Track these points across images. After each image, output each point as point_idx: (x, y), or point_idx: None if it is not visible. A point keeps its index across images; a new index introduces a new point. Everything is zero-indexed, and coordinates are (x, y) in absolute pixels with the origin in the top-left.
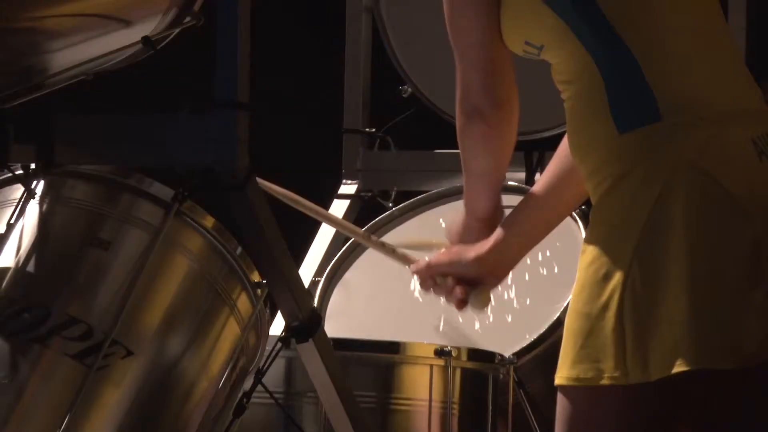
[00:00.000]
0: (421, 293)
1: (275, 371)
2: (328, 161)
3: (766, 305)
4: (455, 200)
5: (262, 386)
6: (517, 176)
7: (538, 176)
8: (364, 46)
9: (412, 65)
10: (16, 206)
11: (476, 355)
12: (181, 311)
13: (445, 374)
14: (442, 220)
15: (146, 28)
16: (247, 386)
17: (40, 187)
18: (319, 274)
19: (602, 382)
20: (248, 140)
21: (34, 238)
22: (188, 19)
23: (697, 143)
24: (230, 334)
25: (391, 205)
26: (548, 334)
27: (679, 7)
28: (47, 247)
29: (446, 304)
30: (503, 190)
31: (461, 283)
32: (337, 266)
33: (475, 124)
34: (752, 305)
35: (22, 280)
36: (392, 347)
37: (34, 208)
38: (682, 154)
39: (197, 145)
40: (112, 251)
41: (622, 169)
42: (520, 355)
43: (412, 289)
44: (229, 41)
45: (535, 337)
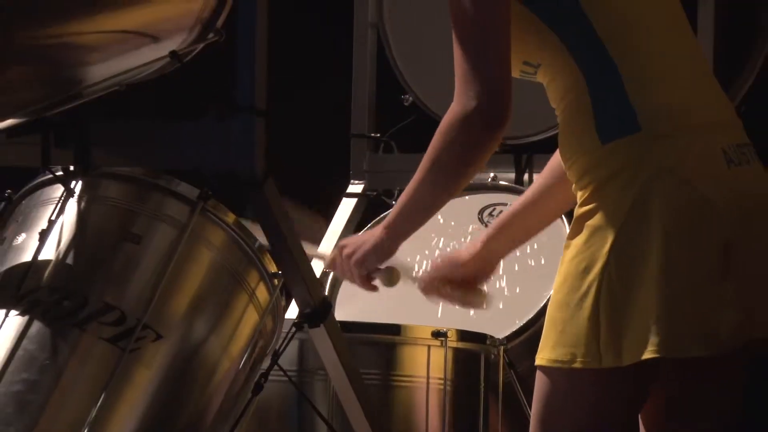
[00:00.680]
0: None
1: (290, 352)
2: (337, 163)
3: (734, 298)
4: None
5: (278, 366)
6: (508, 176)
7: (526, 177)
8: (369, 58)
9: (413, 76)
10: (56, 204)
11: (469, 336)
12: (205, 299)
13: (441, 354)
14: (440, 216)
15: (173, 43)
16: (264, 366)
17: (78, 187)
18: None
19: (575, 365)
20: (266, 144)
21: (72, 232)
22: (211, 35)
23: (673, 152)
24: (249, 319)
25: (394, 202)
26: (536, 319)
27: (661, 31)
28: (84, 241)
29: (450, 304)
30: (496, 189)
31: (459, 287)
32: None
33: (495, 137)
34: (722, 298)
35: (62, 271)
36: (393, 329)
37: (72, 206)
38: (659, 161)
39: (220, 149)
40: (143, 245)
41: (604, 175)
42: (510, 338)
43: (414, 277)
44: (248, 55)
45: (524, 322)
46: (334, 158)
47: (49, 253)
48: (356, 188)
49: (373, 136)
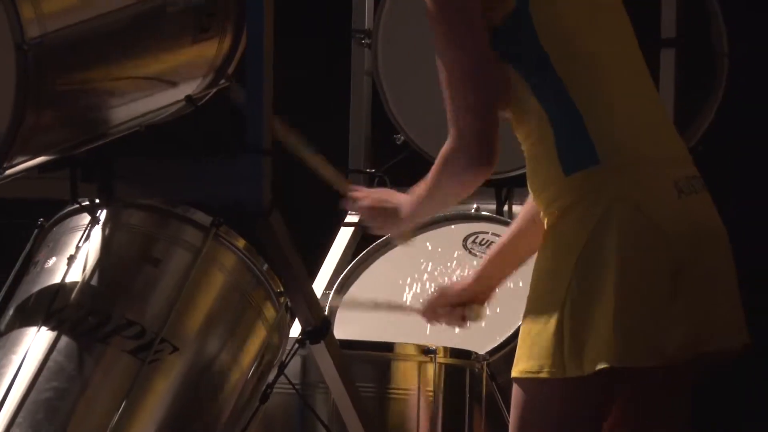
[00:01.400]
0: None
1: (294, 366)
2: (336, 195)
3: (683, 315)
4: (437, 227)
5: (284, 376)
6: (489, 207)
7: (506, 207)
8: (365, 102)
9: (404, 118)
10: (83, 231)
11: (455, 353)
12: (217, 315)
13: (430, 369)
14: (428, 243)
15: (189, 88)
16: (270, 378)
17: (102, 215)
18: (329, 287)
19: (543, 375)
20: (271, 179)
21: (97, 256)
22: (223, 81)
23: (628, 183)
24: (258, 334)
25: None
26: (514, 336)
27: (618, 72)
28: (108, 263)
29: (451, 326)
30: (478, 218)
31: (456, 308)
32: (344, 281)
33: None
34: (671, 315)
35: (88, 290)
36: (387, 347)
37: (98, 232)
38: (615, 191)
39: (230, 183)
40: (161, 267)
41: (567, 203)
42: (492, 353)
43: (404, 300)
44: (256, 99)
45: (504, 338)
46: (333, 191)
47: (76, 274)
48: (353, 218)
49: (368, 171)
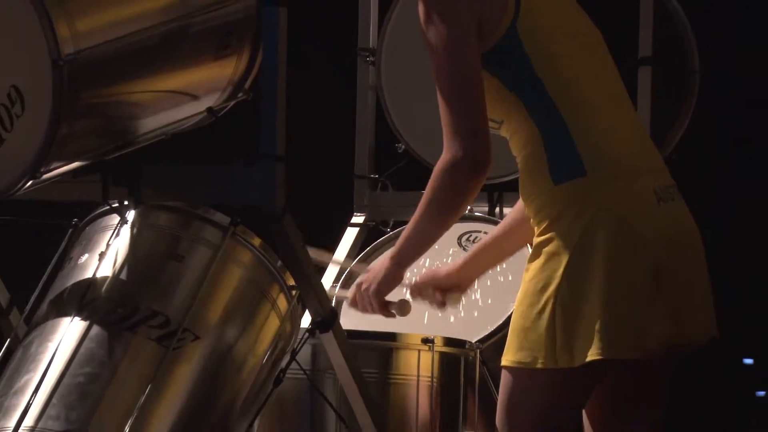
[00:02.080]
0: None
1: (304, 354)
2: (343, 199)
3: (663, 312)
4: None
5: (296, 363)
6: (482, 209)
7: (497, 209)
8: (370, 113)
9: (405, 128)
10: (113, 231)
11: (451, 342)
12: (235, 307)
13: (428, 356)
14: None
15: (210, 100)
16: (283, 364)
17: (131, 216)
18: (336, 281)
19: (537, 366)
20: (284, 184)
21: (126, 253)
22: (241, 94)
23: (612, 192)
24: (272, 324)
25: (389, 230)
26: (504, 325)
27: (602, 92)
28: (136, 260)
29: (430, 306)
30: (472, 219)
31: (439, 291)
32: (349, 276)
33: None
34: (653, 313)
35: (117, 284)
36: (390, 336)
37: (126, 231)
38: (600, 200)
39: (247, 188)
40: (184, 263)
41: (556, 211)
42: (483, 341)
43: (404, 293)
44: (270, 111)
45: (494, 327)
46: (340, 194)
47: (106, 270)
48: (358, 219)
49: (372, 176)
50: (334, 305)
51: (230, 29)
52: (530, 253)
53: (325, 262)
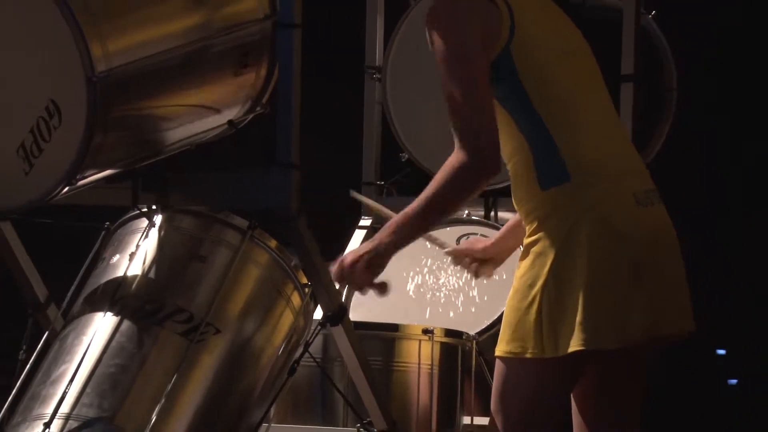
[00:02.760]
0: (432, 292)
1: (316, 344)
2: (352, 203)
3: (642, 306)
4: (437, 228)
5: (309, 354)
6: (478, 213)
7: (492, 213)
8: (376, 126)
9: (408, 139)
10: (142, 233)
11: (450, 333)
12: (253, 303)
13: (429, 346)
14: (427, 242)
15: (231, 114)
16: (297, 355)
17: (158, 219)
18: None
19: (527, 355)
20: (299, 190)
21: (154, 254)
22: (259, 108)
23: (594, 196)
24: (286, 319)
25: None
26: (499, 319)
27: (585, 102)
28: (163, 260)
29: (431, 299)
30: (470, 222)
31: (476, 261)
32: None
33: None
34: (634, 305)
35: (146, 282)
36: (393, 327)
37: (154, 234)
38: (584, 203)
39: (265, 194)
40: (207, 263)
41: (544, 214)
42: (480, 333)
43: (408, 289)
44: (285, 122)
45: (490, 321)
46: (349, 199)
47: (136, 269)
48: (365, 222)
49: (378, 183)
50: (343, 300)
51: (248, 49)
52: (521, 252)
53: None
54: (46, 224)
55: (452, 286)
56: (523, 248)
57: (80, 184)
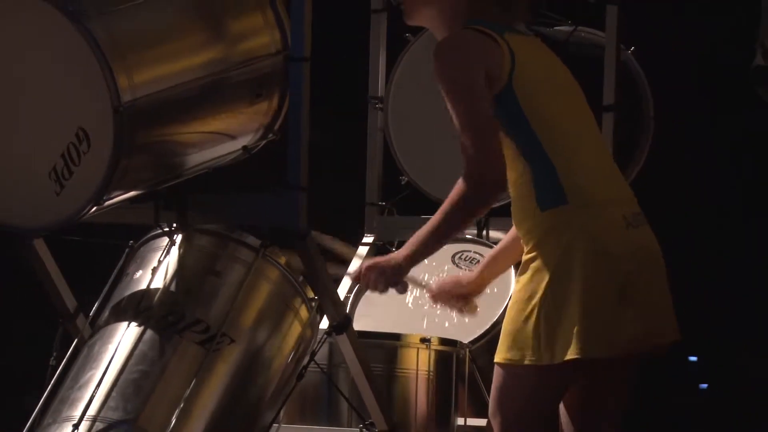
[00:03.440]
0: (429, 304)
1: (322, 351)
2: (356, 222)
3: (631, 318)
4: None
5: (314, 362)
6: (472, 231)
7: (485, 232)
8: (378, 151)
9: (408, 164)
10: (163, 250)
11: (445, 341)
12: (264, 315)
13: (426, 354)
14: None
15: (245, 140)
16: (304, 362)
17: (178, 238)
18: (349, 292)
19: (525, 362)
20: (307, 210)
21: (174, 269)
22: (271, 135)
23: (588, 218)
24: (295, 330)
25: (394, 249)
26: (491, 329)
27: (579, 134)
28: (182, 275)
29: (428, 311)
30: (464, 240)
31: (459, 299)
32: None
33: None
34: (622, 318)
35: (167, 295)
36: (394, 336)
37: (174, 251)
38: (579, 224)
39: (276, 214)
40: (222, 278)
41: (542, 233)
42: (473, 342)
43: (407, 302)
44: (295, 148)
45: (482, 331)
46: (354, 218)
47: (158, 283)
48: (368, 239)
49: (380, 203)
50: (347, 312)
51: (262, 81)
52: (520, 267)
53: (338, 250)
54: (75, 241)
55: None
56: (521, 264)
57: (107, 204)
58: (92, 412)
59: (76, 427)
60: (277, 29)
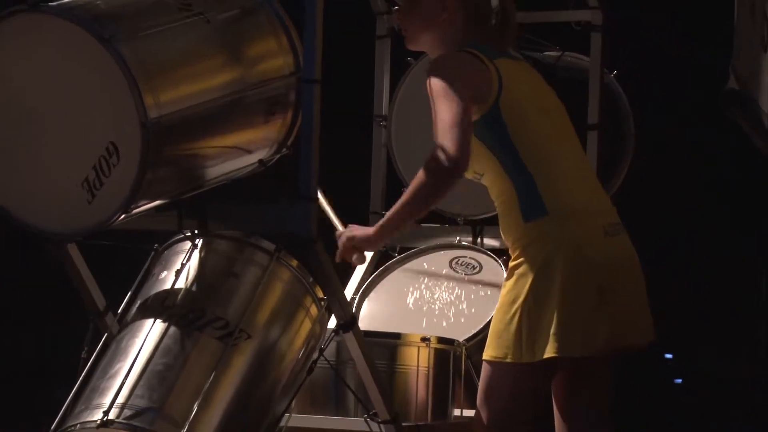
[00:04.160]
0: (428, 305)
1: (330, 348)
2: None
3: (607, 319)
4: (432, 252)
5: (323, 357)
6: (467, 239)
7: (479, 239)
8: (382, 164)
9: (409, 176)
10: (186, 254)
11: (443, 340)
12: (277, 313)
13: (425, 351)
14: (425, 263)
15: (261, 154)
16: (314, 357)
17: (200, 243)
18: (355, 293)
19: (507, 360)
20: (317, 218)
21: (196, 271)
22: (284, 149)
23: (569, 228)
24: (305, 326)
25: (396, 254)
26: (484, 328)
27: (561, 150)
28: (203, 276)
29: (427, 311)
30: (460, 247)
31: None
32: (367, 289)
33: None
34: (599, 320)
35: (189, 295)
36: (396, 335)
37: (196, 255)
38: (560, 234)
39: (289, 221)
40: (240, 279)
41: (526, 242)
42: (468, 340)
43: (408, 303)
44: (307, 162)
45: (477, 330)
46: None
47: (181, 283)
48: None
49: (383, 212)
50: (353, 312)
51: (276, 100)
52: (506, 274)
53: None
54: (105, 245)
55: (445, 300)
56: (508, 270)
57: (134, 212)
58: (121, 400)
59: (106, 413)
60: (290, 53)
